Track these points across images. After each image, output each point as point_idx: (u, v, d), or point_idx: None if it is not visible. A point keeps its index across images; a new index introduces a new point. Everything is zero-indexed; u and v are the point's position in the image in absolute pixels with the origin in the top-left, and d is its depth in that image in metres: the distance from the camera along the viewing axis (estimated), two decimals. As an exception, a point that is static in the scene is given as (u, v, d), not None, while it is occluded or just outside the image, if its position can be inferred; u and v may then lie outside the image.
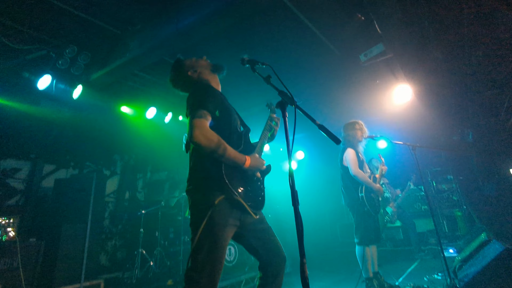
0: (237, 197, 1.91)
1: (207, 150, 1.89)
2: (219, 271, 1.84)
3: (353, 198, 4.20)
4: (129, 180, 7.80)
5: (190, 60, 2.40)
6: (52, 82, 4.88)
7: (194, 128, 1.86)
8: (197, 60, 2.40)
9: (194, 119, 1.90)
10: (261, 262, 2.12)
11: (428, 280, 4.57)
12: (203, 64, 2.39)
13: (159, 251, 5.88)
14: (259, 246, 2.11)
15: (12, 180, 5.51)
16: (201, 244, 1.82)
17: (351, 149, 4.30)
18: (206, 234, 1.83)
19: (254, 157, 2.09)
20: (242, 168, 2.01)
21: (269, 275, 2.07)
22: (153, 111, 6.37)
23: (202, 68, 2.36)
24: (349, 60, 5.13)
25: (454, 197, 7.25)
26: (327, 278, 5.52)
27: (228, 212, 1.91)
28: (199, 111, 1.93)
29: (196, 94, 2.08)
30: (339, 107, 6.84)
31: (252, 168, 2.06)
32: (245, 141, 2.21)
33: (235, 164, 1.98)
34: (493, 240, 3.92)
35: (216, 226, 1.85)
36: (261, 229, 2.14)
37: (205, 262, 1.79)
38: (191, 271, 1.80)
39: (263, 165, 2.18)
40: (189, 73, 2.34)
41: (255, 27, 4.47)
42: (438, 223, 7.43)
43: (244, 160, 2.00)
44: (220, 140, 1.91)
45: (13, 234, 4.17)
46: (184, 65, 2.36)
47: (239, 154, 2.00)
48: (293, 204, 1.51)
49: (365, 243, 4.09)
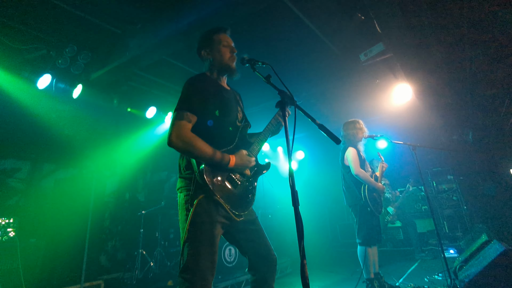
0: (217, 198, 1.86)
1: (184, 153, 1.89)
2: (211, 269, 1.81)
3: (356, 198, 4.16)
4: (129, 180, 7.78)
5: (216, 37, 2.26)
6: (52, 81, 4.88)
7: (172, 131, 1.85)
8: (218, 36, 2.27)
9: (175, 121, 1.89)
10: (250, 264, 2.09)
11: (428, 281, 4.56)
12: (222, 42, 2.26)
13: (159, 251, 5.88)
14: (249, 249, 2.07)
15: (12, 180, 5.50)
16: (187, 243, 1.80)
17: (352, 148, 4.26)
18: (191, 233, 1.81)
19: (240, 155, 2.02)
20: (226, 168, 1.96)
21: (258, 279, 2.04)
22: (153, 111, 6.37)
23: (218, 50, 2.23)
24: (349, 60, 5.13)
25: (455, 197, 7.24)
26: (327, 279, 5.51)
27: (212, 209, 1.87)
28: (181, 112, 1.91)
29: (186, 91, 2.01)
30: (339, 106, 6.83)
31: (238, 167, 2.00)
32: (240, 137, 2.15)
33: (218, 164, 1.92)
34: (493, 241, 3.91)
35: (200, 224, 1.82)
36: (252, 230, 2.09)
37: (195, 262, 1.76)
38: (182, 273, 1.78)
39: (251, 163, 2.09)
40: (202, 53, 2.26)
41: (255, 27, 4.47)
42: (439, 223, 7.42)
43: (227, 160, 1.94)
44: (199, 143, 1.87)
45: (13, 234, 4.16)
46: (200, 43, 2.28)
47: (221, 154, 1.93)
48: (293, 204, 1.49)
49: (368, 243, 4.07)
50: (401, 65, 5.22)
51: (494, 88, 6.47)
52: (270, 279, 2.05)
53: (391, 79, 5.63)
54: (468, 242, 5.82)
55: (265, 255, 2.07)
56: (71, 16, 4.20)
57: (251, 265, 2.08)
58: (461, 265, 4.18)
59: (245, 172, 2.09)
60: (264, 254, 2.07)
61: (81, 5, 4.08)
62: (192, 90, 2.02)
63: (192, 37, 4.08)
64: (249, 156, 2.08)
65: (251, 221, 2.10)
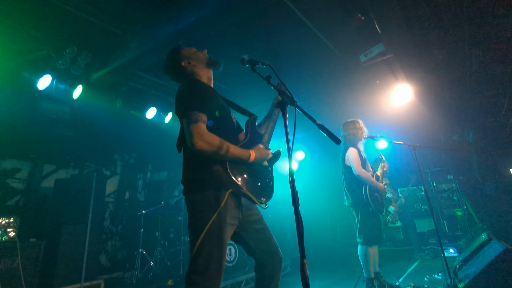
0: (243, 191, 1.90)
1: (210, 154, 1.85)
2: (221, 273, 1.81)
3: (358, 198, 4.14)
4: (129, 180, 7.79)
5: (189, 50, 2.32)
6: (52, 82, 4.87)
7: (193, 135, 1.81)
8: (196, 52, 2.33)
9: (190, 124, 1.84)
10: (257, 263, 2.10)
11: (428, 280, 4.56)
12: (200, 57, 2.31)
13: (159, 251, 5.88)
14: (257, 247, 2.09)
15: (12, 180, 5.51)
16: (203, 246, 1.77)
17: (353, 148, 4.26)
18: (209, 236, 1.78)
19: (258, 148, 2.07)
20: (247, 162, 2.00)
21: (266, 277, 2.05)
22: (153, 111, 6.37)
23: (198, 62, 2.29)
24: (349, 60, 5.12)
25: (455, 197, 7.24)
26: (327, 278, 5.52)
27: (229, 212, 1.87)
28: (194, 115, 1.87)
29: (188, 93, 2.00)
30: (339, 107, 6.83)
31: (257, 160, 2.05)
32: (251, 129, 2.22)
33: (240, 160, 1.96)
34: (493, 240, 3.92)
35: (219, 227, 1.81)
36: (259, 229, 2.12)
37: (207, 264, 1.75)
38: (192, 274, 1.75)
39: (269, 155, 2.16)
40: (183, 64, 2.26)
41: (255, 27, 4.47)
42: (439, 223, 7.42)
43: (248, 155, 1.99)
44: (222, 141, 1.88)
45: (13, 234, 4.17)
46: (180, 54, 2.29)
47: (243, 150, 1.98)
48: (293, 204, 1.50)
49: (369, 243, 4.07)
50: (401, 65, 5.22)
51: (494, 88, 6.47)
52: (276, 277, 2.08)
53: (391, 80, 5.63)
54: (468, 241, 5.82)
55: (273, 252, 2.10)
56: (71, 17, 4.19)
57: (259, 263, 2.09)
58: (461, 265, 4.18)
59: (263, 163, 2.14)
60: (272, 252, 2.10)
61: (81, 5, 4.08)
62: (200, 91, 2.04)
63: (193, 37, 4.08)
64: (266, 149, 2.15)
65: (257, 221, 2.12)
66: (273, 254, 2.10)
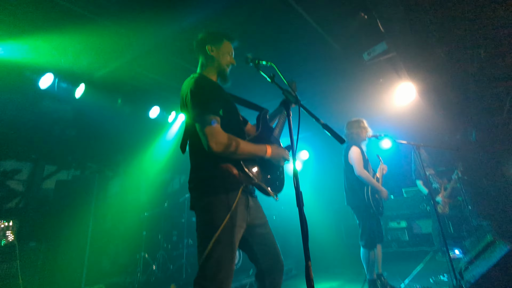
0: (256, 181, 1.90)
1: (228, 155, 1.83)
2: (231, 279, 1.76)
3: (358, 198, 4.08)
4: (132, 181, 7.75)
5: (226, 42, 2.25)
6: (54, 81, 4.84)
7: (209, 138, 1.79)
8: (228, 43, 2.26)
9: (205, 127, 1.81)
10: (258, 271, 2.02)
11: (434, 282, 4.52)
12: (228, 50, 2.25)
13: (161, 254, 5.78)
14: (260, 253, 2.00)
15: (12, 182, 5.46)
16: (213, 251, 1.71)
17: (356, 147, 4.21)
18: (220, 240, 1.73)
19: (275, 147, 2.05)
20: (263, 158, 1.99)
21: (267, 286, 1.97)
22: (156, 111, 6.34)
23: (223, 53, 2.21)
24: (353, 59, 5.12)
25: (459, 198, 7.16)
26: (332, 280, 5.47)
27: (239, 214, 1.82)
28: (208, 116, 1.83)
29: (199, 92, 1.92)
30: (343, 105, 6.80)
31: (274, 158, 2.03)
32: (263, 123, 2.22)
33: (256, 157, 1.96)
34: (498, 241, 3.87)
35: (230, 231, 1.76)
36: (264, 234, 2.04)
37: (217, 269, 1.70)
38: (201, 279, 1.70)
39: (288, 156, 2.15)
40: (208, 48, 2.19)
41: (258, 26, 4.43)
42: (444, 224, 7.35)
43: (265, 151, 1.98)
44: (237, 140, 1.86)
45: (12, 238, 4.08)
46: (209, 37, 2.24)
47: (258, 146, 1.97)
48: (298, 205, 1.47)
49: (371, 246, 4.00)
50: (405, 64, 5.20)
51: (498, 86, 6.43)
52: (278, 286, 2.01)
53: (395, 78, 5.62)
54: (473, 242, 5.77)
55: (276, 260, 2.03)
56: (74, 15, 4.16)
57: (260, 271, 2.01)
58: (466, 266, 4.13)
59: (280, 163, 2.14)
60: (275, 259, 2.02)
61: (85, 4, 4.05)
62: (212, 91, 2.01)
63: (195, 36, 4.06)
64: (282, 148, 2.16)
65: (262, 225, 2.05)
66: (275, 261, 2.02)
